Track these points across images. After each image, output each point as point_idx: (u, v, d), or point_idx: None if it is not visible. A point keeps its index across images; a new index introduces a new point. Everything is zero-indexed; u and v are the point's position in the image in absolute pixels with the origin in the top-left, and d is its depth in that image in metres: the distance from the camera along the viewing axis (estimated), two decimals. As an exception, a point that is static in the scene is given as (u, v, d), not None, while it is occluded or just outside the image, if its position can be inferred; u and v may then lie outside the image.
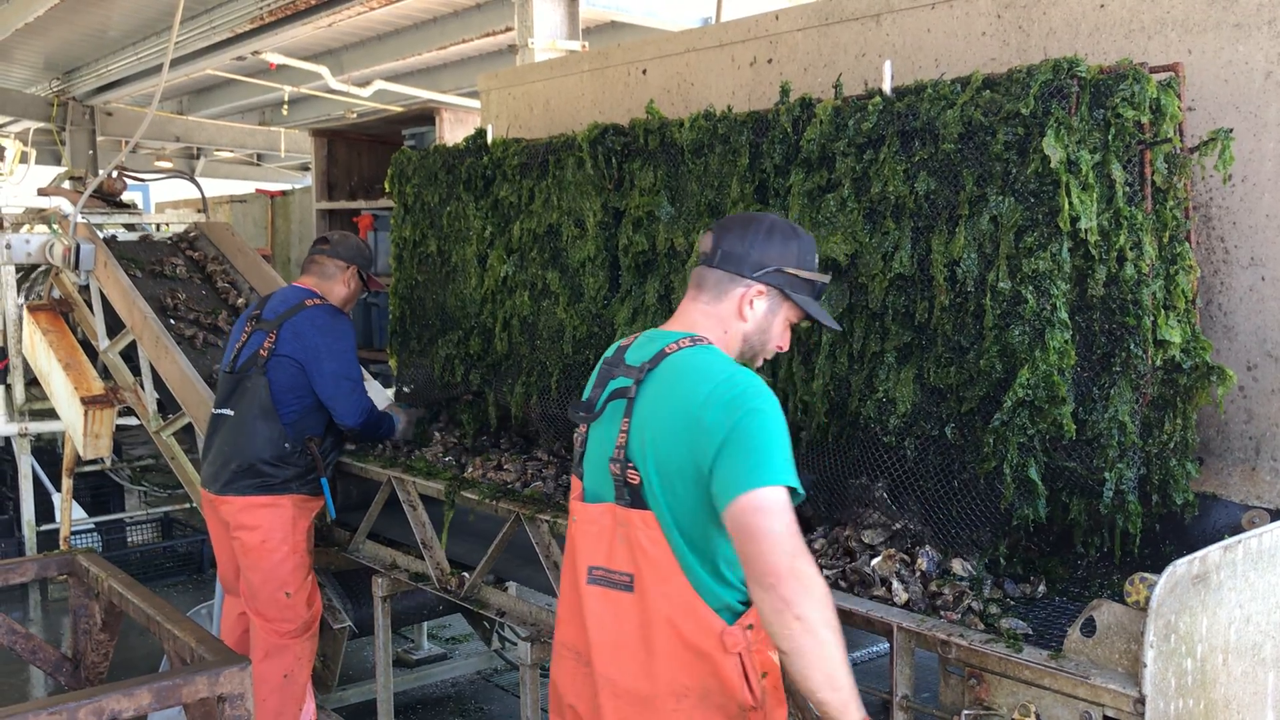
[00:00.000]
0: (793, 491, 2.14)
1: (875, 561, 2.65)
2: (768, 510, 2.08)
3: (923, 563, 2.62)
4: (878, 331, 2.78)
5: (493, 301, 4.04)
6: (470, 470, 3.92)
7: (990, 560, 2.64)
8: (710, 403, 2.18)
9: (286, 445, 4.15)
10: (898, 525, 2.76)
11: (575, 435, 2.46)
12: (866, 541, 2.74)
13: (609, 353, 2.47)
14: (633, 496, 2.27)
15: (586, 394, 2.45)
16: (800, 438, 2.96)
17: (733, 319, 2.37)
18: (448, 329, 4.29)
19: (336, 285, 4.40)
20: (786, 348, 2.48)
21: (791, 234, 2.40)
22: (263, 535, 4.14)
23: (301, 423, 4.18)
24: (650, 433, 2.26)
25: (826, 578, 2.69)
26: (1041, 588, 2.59)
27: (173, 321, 5.75)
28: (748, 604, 2.25)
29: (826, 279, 2.45)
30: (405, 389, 4.65)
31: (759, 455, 2.13)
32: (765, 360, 2.48)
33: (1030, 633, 2.32)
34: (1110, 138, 2.41)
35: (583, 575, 2.34)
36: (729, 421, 2.15)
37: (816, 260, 2.44)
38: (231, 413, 4.22)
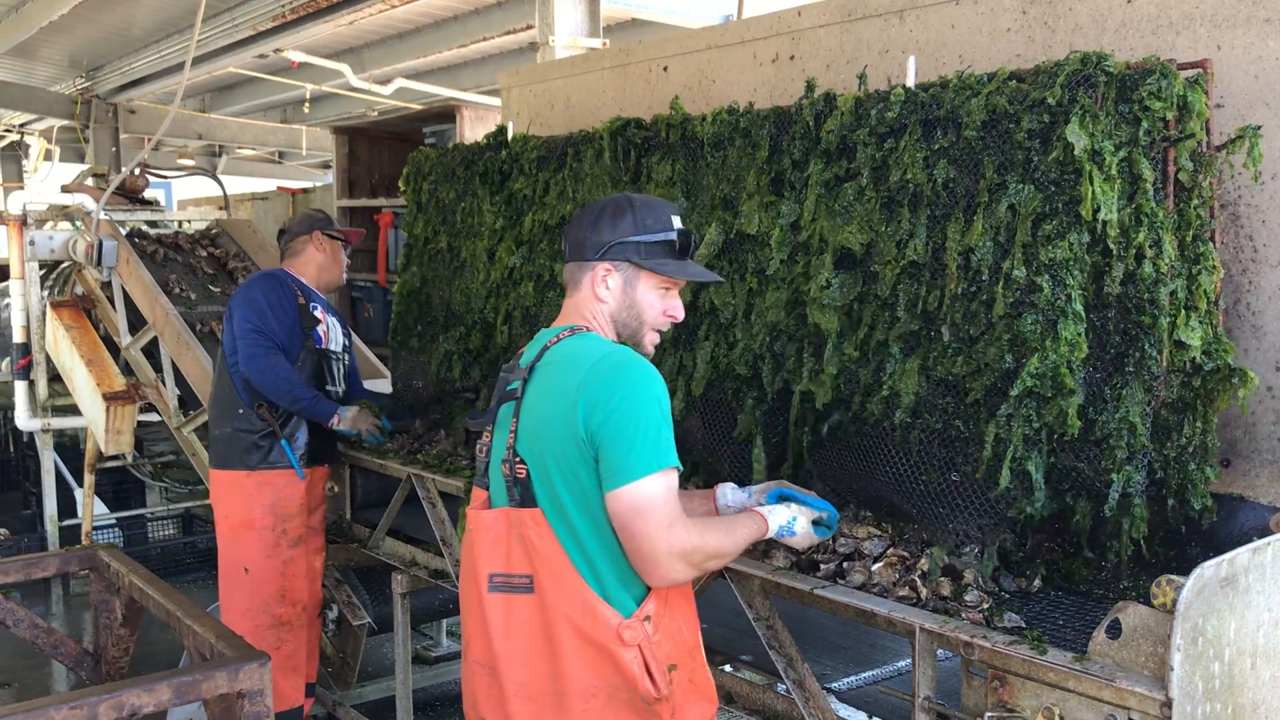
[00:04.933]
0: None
1: (876, 567, 2.65)
2: (641, 509, 2.16)
3: (924, 563, 2.60)
4: (885, 321, 2.74)
5: (496, 295, 4.01)
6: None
7: (1001, 560, 2.61)
8: (586, 384, 2.21)
9: (241, 411, 4.17)
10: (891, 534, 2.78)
11: (478, 446, 2.47)
12: (866, 552, 2.73)
13: (509, 363, 2.49)
14: (523, 494, 2.27)
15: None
16: (807, 430, 2.94)
17: (592, 303, 2.42)
18: (451, 325, 4.25)
19: (309, 256, 4.40)
20: (681, 315, 2.51)
21: (625, 205, 2.42)
22: (224, 510, 4.20)
23: (252, 386, 4.18)
24: (534, 426, 2.28)
25: (823, 573, 2.71)
26: (1037, 582, 2.56)
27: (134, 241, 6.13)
28: (646, 593, 2.28)
29: (672, 235, 2.44)
30: (399, 383, 4.62)
31: (632, 440, 2.17)
32: (661, 334, 2.51)
33: (1024, 625, 2.30)
34: (1139, 133, 2.37)
35: (484, 585, 2.32)
36: (604, 403, 2.19)
37: (670, 219, 2.45)
38: (213, 390, 4.39)
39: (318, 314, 4.35)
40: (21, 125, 14.41)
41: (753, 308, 3.09)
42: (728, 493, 2.67)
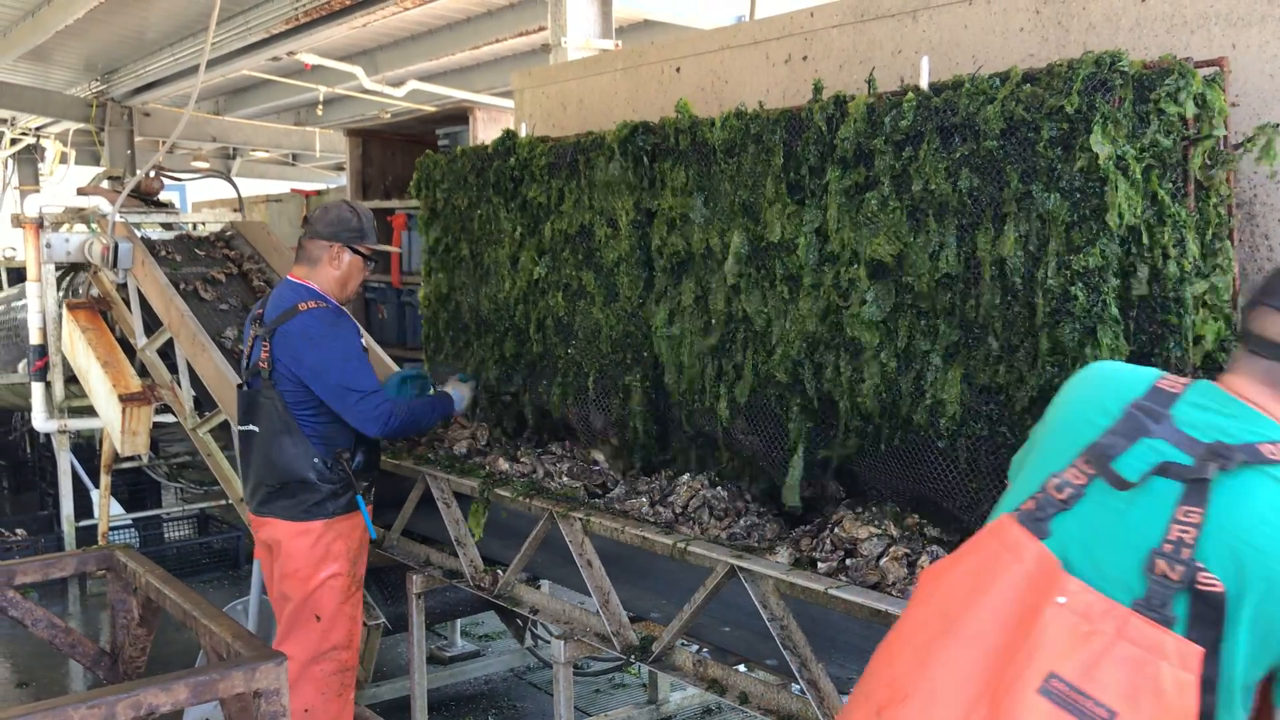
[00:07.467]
0: None
1: (884, 563, 2.66)
2: None
3: (925, 561, 2.61)
4: (922, 331, 2.75)
5: (525, 303, 4.03)
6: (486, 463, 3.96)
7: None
8: None
9: (316, 460, 3.85)
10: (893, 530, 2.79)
11: (1053, 477, 1.77)
12: (865, 554, 2.73)
13: (1138, 390, 1.79)
14: (1188, 618, 1.60)
15: (1093, 435, 1.77)
16: (853, 437, 2.95)
17: None
18: (483, 332, 4.28)
19: (325, 269, 3.97)
20: None
21: None
22: (296, 564, 3.90)
23: (328, 434, 3.87)
24: (1247, 557, 1.59)
25: (824, 569, 2.72)
26: None
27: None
28: None
29: None
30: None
31: None
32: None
33: None
34: (1156, 134, 2.37)
35: (1033, 673, 1.60)
36: None
37: None
38: (256, 429, 3.96)
39: (364, 340, 4.05)
40: (37, 129, 14.50)
41: (786, 315, 3.10)
42: None
